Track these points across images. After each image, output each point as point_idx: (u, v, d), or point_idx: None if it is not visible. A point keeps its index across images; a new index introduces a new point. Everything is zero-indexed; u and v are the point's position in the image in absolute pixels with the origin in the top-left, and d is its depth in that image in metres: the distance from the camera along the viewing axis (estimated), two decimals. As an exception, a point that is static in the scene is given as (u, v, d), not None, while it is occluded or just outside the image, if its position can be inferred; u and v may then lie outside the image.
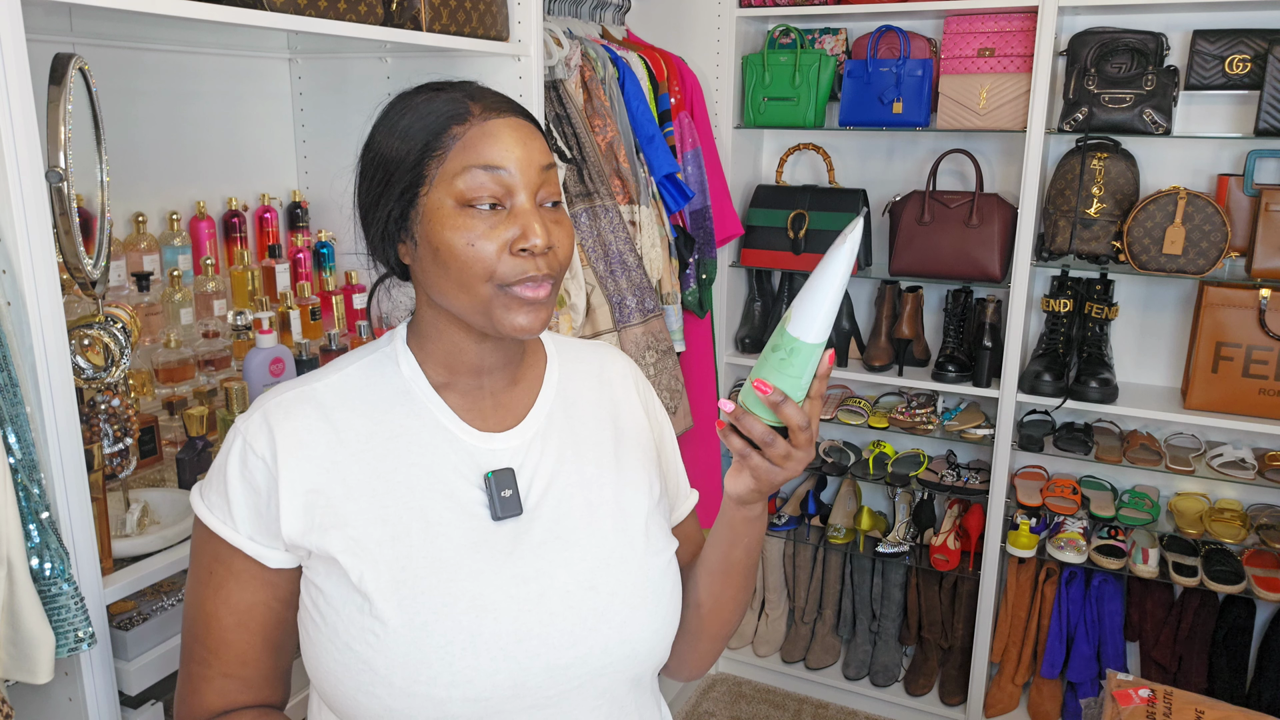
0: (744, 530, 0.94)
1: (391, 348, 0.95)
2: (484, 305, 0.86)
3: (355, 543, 0.85)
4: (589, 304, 1.98)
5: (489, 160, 0.84)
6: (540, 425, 0.96)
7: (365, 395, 0.92)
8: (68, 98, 1.05)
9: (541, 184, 0.87)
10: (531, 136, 0.88)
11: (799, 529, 2.85)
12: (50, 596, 1.02)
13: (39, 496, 1.01)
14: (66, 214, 1.04)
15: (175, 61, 1.71)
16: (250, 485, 0.87)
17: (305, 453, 0.87)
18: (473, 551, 0.88)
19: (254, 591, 0.89)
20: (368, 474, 0.88)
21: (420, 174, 0.86)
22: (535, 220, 0.85)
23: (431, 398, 0.92)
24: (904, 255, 2.49)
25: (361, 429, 0.90)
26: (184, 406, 1.56)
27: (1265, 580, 2.28)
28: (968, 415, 2.61)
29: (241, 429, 0.89)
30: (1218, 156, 2.35)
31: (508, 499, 0.90)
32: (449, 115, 0.86)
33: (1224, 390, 2.21)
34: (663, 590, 0.95)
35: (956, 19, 2.39)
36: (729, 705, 2.79)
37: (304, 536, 0.86)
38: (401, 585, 0.84)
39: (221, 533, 0.88)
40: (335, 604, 0.85)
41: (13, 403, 0.99)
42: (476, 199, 0.84)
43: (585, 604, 0.89)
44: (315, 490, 0.87)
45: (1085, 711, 1.71)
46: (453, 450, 0.91)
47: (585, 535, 0.93)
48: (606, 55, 2.12)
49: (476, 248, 0.84)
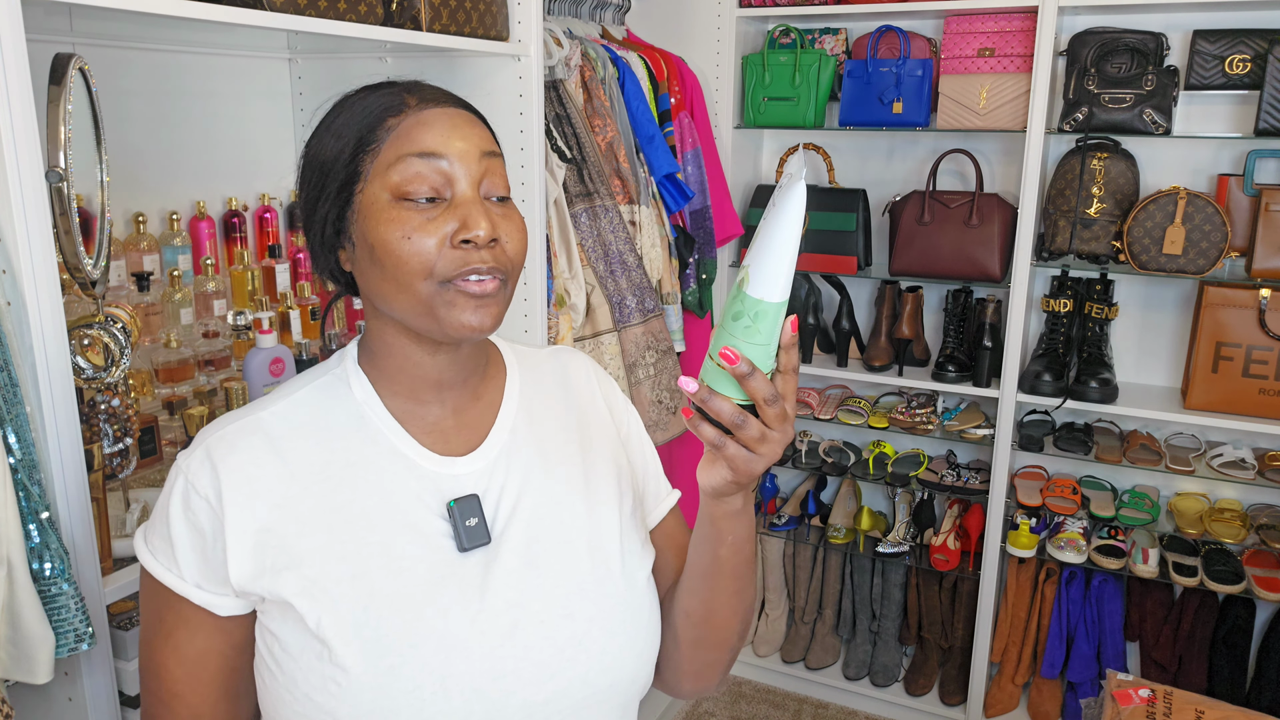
0: (728, 526, 0.84)
1: (342, 369, 0.88)
2: (426, 305, 0.79)
3: (312, 584, 0.79)
4: (589, 304, 1.98)
5: (424, 147, 0.79)
6: (504, 443, 0.90)
7: (316, 422, 0.85)
8: (68, 98, 1.05)
9: (485, 173, 0.81)
10: (472, 125, 0.83)
11: (799, 529, 2.85)
12: (50, 596, 1.02)
13: (39, 496, 1.01)
14: (66, 214, 1.04)
15: (175, 62, 1.71)
16: (194, 528, 0.80)
17: (253, 489, 0.80)
18: (438, 586, 0.81)
19: (205, 639, 0.82)
20: (322, 508, 0.81)
21: (355, 170, 0.81)
22: (479, 209, 0.79)
23: (387, 421, 0.86)
24: (904, 255, 2.49)
25: (314, 459, 0.83)
26: (184, 406, 1.56)
27: (1265, 580, 2.28)
28: (968, 415, 2.61)
29: (183, 467, 0.82)
30: (1218, 156, 2.35)
31: (473, 528, 0.84)
32: (383, 108, 0.81)
33: (1224, 390, 2.21)
34: (642, 610, 0.89)
35: (956, 19, 2.39)
36: (729, 705, 2.79)
37: (254, 581, 0.79)
38: (364, 628, 0.78)
39: (166, 580, 0.81)
40: (292, 652, 0.79)
41: (13, 403, 0.99)
42: (413, 191, 0.78)
43: (561, 633, 0.83)
44: (265, 530, 0.80)
45: (1085, 711, 1.71)
46: (412, 477, 0.84)
47: (558, 559, 0.87)
48: (606, 55, 2.12)
49: (413, 241, 0.78)
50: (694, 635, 0.94)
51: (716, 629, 0.93)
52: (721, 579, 0.89)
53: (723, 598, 0.90)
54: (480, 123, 0.85)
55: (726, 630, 0.93)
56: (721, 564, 0.87)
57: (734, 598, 0.90)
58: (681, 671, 0.97)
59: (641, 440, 1.02)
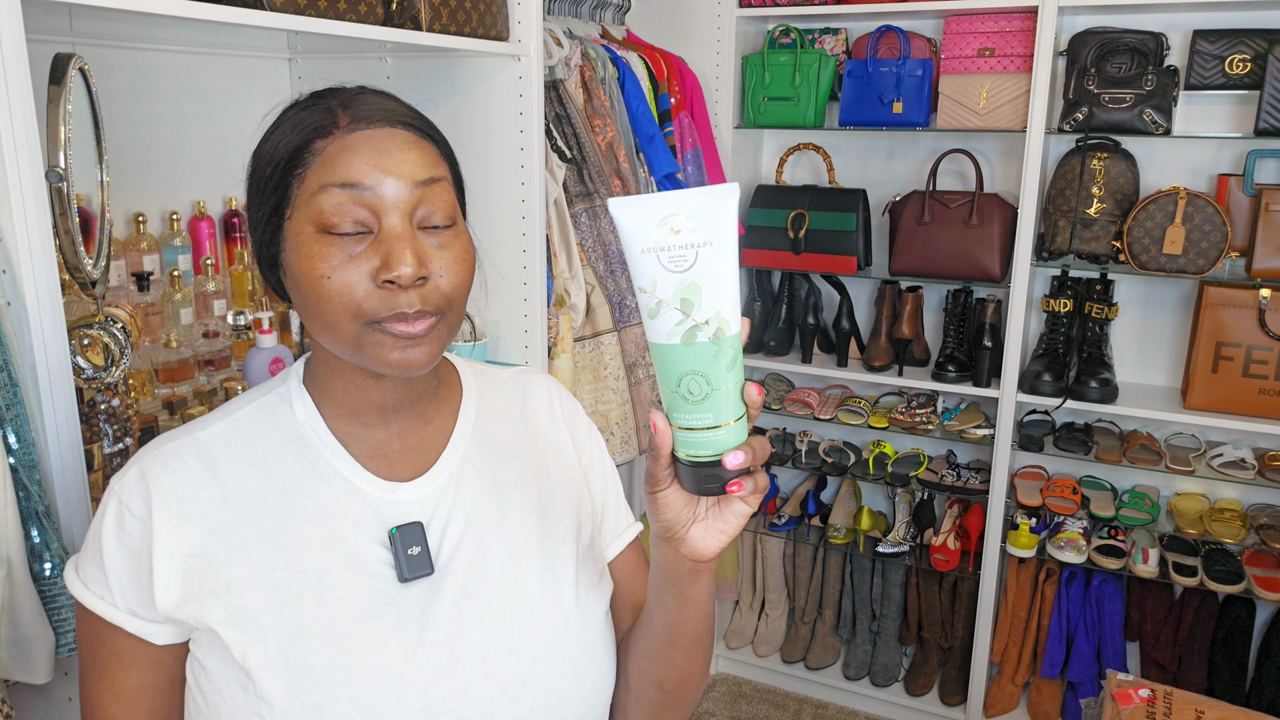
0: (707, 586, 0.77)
1: (285, 388, 0.84)
2: (353, 343, 0.75)
3: (239, 611, 0.75)
4: (589, 304, 1.98)
5: (345, 177, 0.73)
6: (454, 469, 0.85)
7: (254, 443, 0.81)
8: (68, 98, 1.05)
9: (419, 202, 0.75)
10: (407, 148, 0.76)
11: (799, 529, 2.85)
12: (50, 596, 1.02)
13: (39, 496, 1.01)
14: (66, 214, 1.04)
15: (175, 61, 1.71)
16: (128, 551, 0.76)
17: (185, 512, 0.76)
18: (373, 618, 0.77)
19: (139, 674, 0.78)
20: (255, 533, 0.77)
21: (284, 195, 0.76)
22: (404, 246, 0.73)
23: (329, 443, 0.81)
24: (904, 255, 2.49)
25: (250, 482, 0.79)
26: (184, 406, 1.56)
27: (1265, 580, 2.28)
28: (968, 415, 2.61)
29: (116, 489, 0.78)
30: (1218, 156, 2.35)
31: (415, 557, 0.79)
32: (313, 128, 0.76)
33: (1224, 390, 2.21)
34: (594, 649, 0.85)
35: (956, 19, 2.39)
36: (729, 705, 2.79)
37: (179, 608, 0.75)
38: (292, 660, 0.74)
39: (99, 610, 0.77)
40: (217, 683, 0.75)
41: (13, 402, 0.99)
42: (335, 225, 0.73)
43: (504, 670, 0.79)
44: (196, 554, 0.76)
45: (1085, 711, 1.71)
46: (353, 503, 0.80)
47: (505, 592, 0.82)
48: (606, 55, 2.12)
49: (334, 280, 0.73)
50: (662, 700, 0.88)
51: (690, 691, 0.88)
52: (701, 643, 0.83)
53: (699, 662, 0.85)
54: (423, 142, 0.78)
55: (697, 690, 0.89)
56: (705, 624, 0.82)
57: (706, 654, 0.86)
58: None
59: (604, 468, 0.97)
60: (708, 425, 0.64)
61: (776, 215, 2.59)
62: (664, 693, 0.87)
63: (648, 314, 0.63)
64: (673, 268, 0.62)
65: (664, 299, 0.62)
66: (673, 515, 0.70)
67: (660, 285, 0.62)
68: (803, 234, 2.55)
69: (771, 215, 2.60)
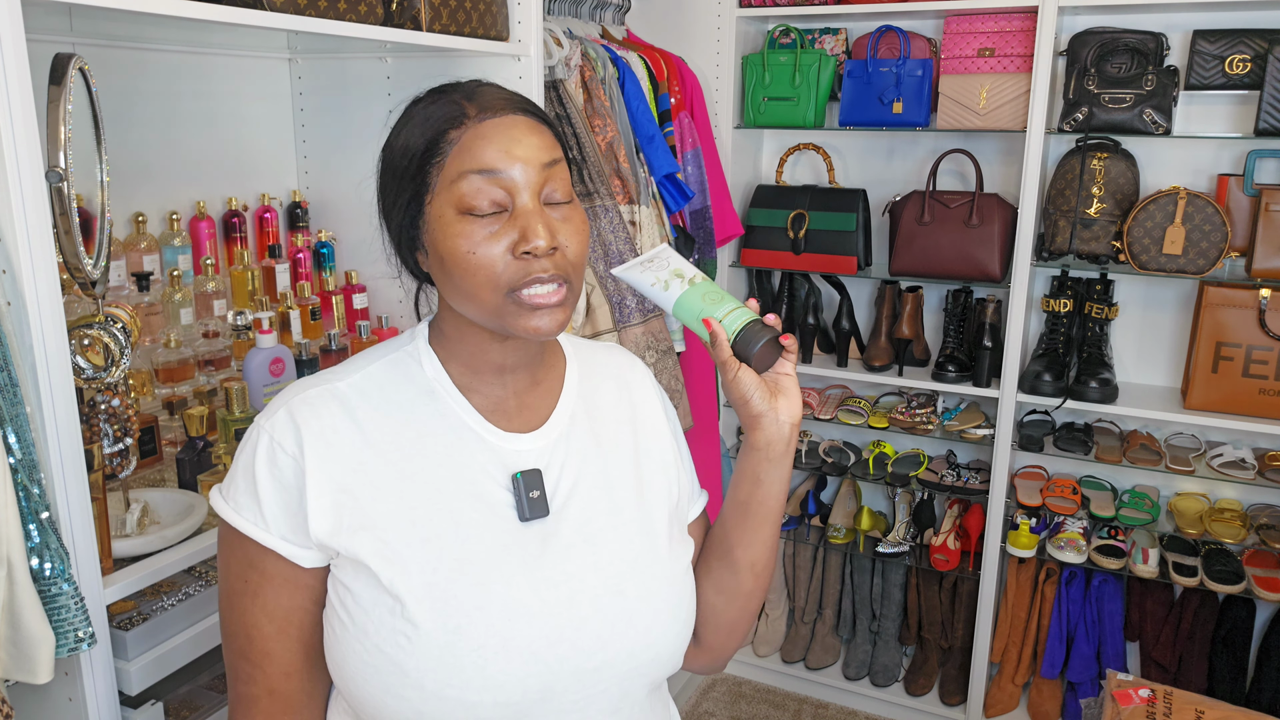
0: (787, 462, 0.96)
1: (414, 346, 0.94)
2: (495, 313, 0.85)
3: (385, 545, 0.84)
4: (589, 304, 1.98)
5: (483, 164, 0.83)
6: (564, 426, 0.96)
7: (389, 394, 0.90)
8: (68, 98, 1.05)
9: (545, 181, 0.85)
10: (531, 133, 0.86)
11: (799, 529, 2.85)
12: (50, 596, 1.02)
13: (39, 496, 1.01)
14: (66, 214, 1.04)
15: (175, 61, 1.71)
16: (280, 483, 0.85)
17: (332, 452, 0.86)
18: (504, 554, 0.87)
19: (290, 596, 0.87)
20: (395, 475, 0.87)
21: (423, 183, 0.85)
22: (537, 220, 0.83)
23: (456, 398, 0.91)
24: (904, 255, 2.49)
25: (387, 429, 0.88)
26: (184, 406, 1.56)
27: (1265, 580, 2.28)
28: (968, 415, 2.61)
29: (265, 426, 0.86)
30: (1218, 156, 2.35)
31: (535, 500, 0.89)
32: (445, 119, 0.85)
33: (1224, 390, 2.21)
34: (684, 593, 0.96)
35: (956, 19, 2.39)
36: (729, 705, 2.79)
37: (332, 537, 0.84)
38: (433, 588, 0.83)
39: (253, 534, 0.85)
40: (365, 605, 0.84)
41: (13, 403, 0.99)
42: (476, 206, 0.83)
43: (613, 608, 0.89)
44: (343, 490, 0.85)
45: (1085, 711, 1.71)
46: (480, 450, 0.90)
47: (611, 538, 0.92)
48: (606, 55, 2.12)
49: (479, 255, 0.83)
50: (752, 587, 1.02)
51: (769, 573, 1.02)
52: (779, 520, 1.00)
53: (776, 538, 1.01)
54: (542, 126, 0.88)
55: (768, 574, 1.03)
56: (780, 500, 0.99)
57: (777, 534, 1.02)
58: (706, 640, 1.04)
59: (682, 441, 1.09)
60: (735, 306, 0.94)
61: (776, 215, 2.59)
62: (754, 575, 1.01)
63: (661, 289, 0.98)
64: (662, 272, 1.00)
65: (669, 279, 0.99)
66: (750, 390, 0.92)
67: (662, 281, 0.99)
68: (803, 234, 2.55)
69: (771, 215, 2.60)
